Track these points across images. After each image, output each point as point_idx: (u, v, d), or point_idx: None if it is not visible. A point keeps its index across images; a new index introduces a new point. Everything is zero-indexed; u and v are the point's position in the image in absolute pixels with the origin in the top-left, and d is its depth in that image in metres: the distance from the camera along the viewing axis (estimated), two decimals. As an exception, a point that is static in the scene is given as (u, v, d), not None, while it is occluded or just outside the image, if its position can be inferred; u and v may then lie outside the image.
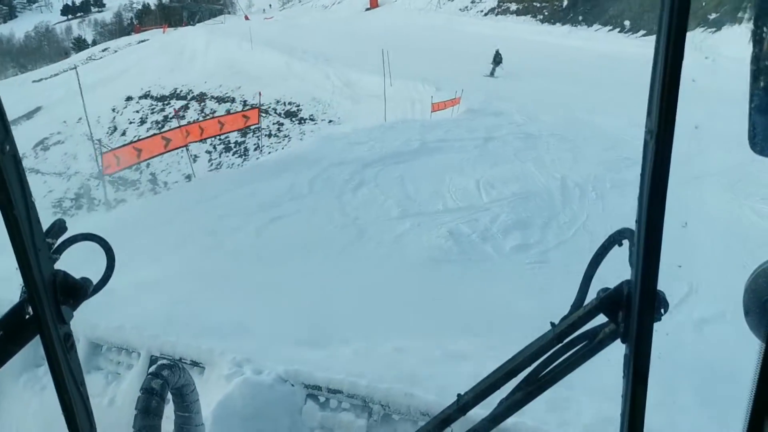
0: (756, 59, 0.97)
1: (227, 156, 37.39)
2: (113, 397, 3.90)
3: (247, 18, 62.75)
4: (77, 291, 1.23)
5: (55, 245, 1.29)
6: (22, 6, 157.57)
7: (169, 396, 2.55)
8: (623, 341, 1.25)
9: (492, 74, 36.22)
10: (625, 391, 1.24)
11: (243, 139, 38.27)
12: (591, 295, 1.31)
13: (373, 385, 3.61)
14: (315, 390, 3.68)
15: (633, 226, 1.12)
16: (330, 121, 35.97)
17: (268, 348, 4.29)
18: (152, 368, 2.53)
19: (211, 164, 36.14)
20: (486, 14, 51.47)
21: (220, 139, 38.75)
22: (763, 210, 10.65)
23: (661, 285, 1.14)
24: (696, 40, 35.54)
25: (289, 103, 39.08)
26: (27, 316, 1.17)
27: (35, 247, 1.10)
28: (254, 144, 37.58)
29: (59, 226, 1.33)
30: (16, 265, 1.10)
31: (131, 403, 2.59)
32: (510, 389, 1.42)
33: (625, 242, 1.24)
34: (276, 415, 3.54)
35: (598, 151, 15.70)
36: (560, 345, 1.35)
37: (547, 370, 1.37)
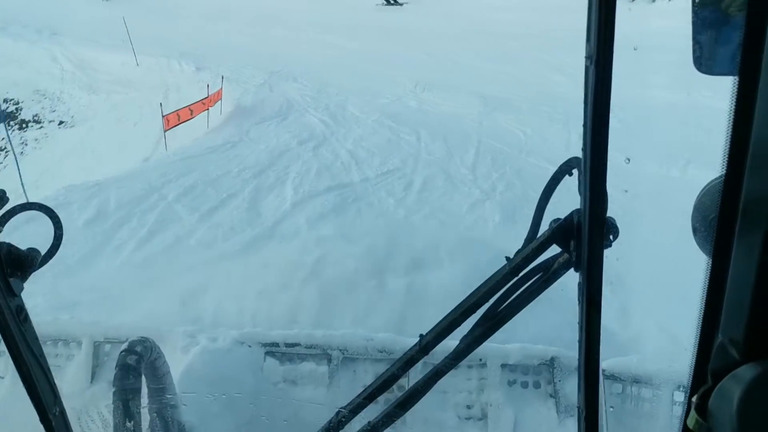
0: None
1: None
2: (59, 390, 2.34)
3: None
4: (24, 262, 1.12)
5: None
6: None
7: None
8: (576, 270, 1.17)
9: None
10: (580, 318, 1.15)
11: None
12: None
13: (330, 333, 3.47)
14: (273, 347, 3.49)
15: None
16: (60, 123, 23.91)
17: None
18: (125, 345, 2.40)
19: None
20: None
21: None
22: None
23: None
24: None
25: (5, 101, 26.01)
26: None
27: None
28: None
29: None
30: None
31: (80, 393, 3.05)
32: (470, 326, 1.34)
33: (575, 171, 1.16)
34: (238, 376, 3.34)
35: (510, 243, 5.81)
36: (516, 279, 1.28)
37: (504, 304, 1.31)
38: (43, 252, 1.25)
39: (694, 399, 0.94)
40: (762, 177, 0.80)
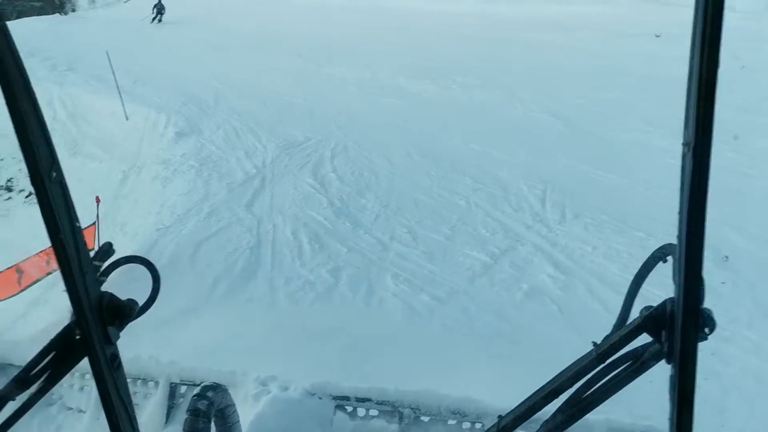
0: None
1: None
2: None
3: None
4: (123, 312, 1.07)
5: (102, 268, 1.13)
6: None
7: None
8: (668, 362, 1.01)
9: (157, 20, 26.98)
10: (671, 414, 1.01)
11: None
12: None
13: (402, 389, 3.14)
14: (343, 400, 3.18)
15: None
16: (29, 195, 16.65)
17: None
18: (197, 389, 2.22)
19: None
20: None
21: None
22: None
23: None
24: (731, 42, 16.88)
25: None
26: (76, 338, 1.03)
27: (82, 271, 0.96)
28: None
29: (106, 249, 1.17)
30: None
31: None
32: (551, 412, 1.17)
33: (670, 259, 1.03)
34: (308, 429, 3.11)
35: None
36: (602, 366, 1.11)
37: (589, 391, 1.12)
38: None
39: None
40: None
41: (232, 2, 29.02)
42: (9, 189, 17.03)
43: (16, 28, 25.20)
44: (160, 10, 27.56)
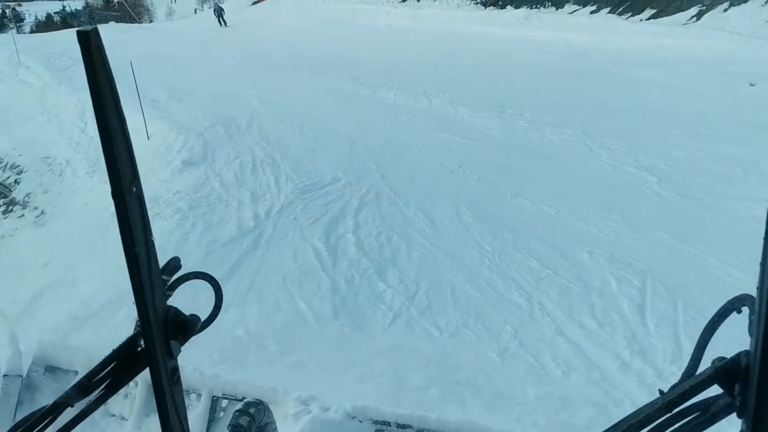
0: None
1: None
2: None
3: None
4: (186, 327, 1.07)
5: (169, 282, 1.10)
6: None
7: None
8: (739, 416, 0.95)
9: (223, 24, 26.51)
10: None
11: None
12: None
13: (444, 419, 3.00)
14: (383, 425, 3.08)
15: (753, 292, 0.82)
16: (41, 214, 15.22)
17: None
18: (239, 405, 2.22)
19: None
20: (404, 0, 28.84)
21: None
22: None
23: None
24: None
25: (12, 167, 18.18)
26: (139, 349, 1.04)
27: (152, 284, 0.98)
28: None
29: (174, 264, 1.12)
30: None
31: None
32: None
33: (745, 309, 0.98)
34: None
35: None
36: (669, 415, 1.03)
37: None
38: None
39: None
40: None
41: (297, 22, 27.60)
42: (24, 205, 15.72)
43: (74, 34, 24.15)
44: (220, 13, 27.15)
